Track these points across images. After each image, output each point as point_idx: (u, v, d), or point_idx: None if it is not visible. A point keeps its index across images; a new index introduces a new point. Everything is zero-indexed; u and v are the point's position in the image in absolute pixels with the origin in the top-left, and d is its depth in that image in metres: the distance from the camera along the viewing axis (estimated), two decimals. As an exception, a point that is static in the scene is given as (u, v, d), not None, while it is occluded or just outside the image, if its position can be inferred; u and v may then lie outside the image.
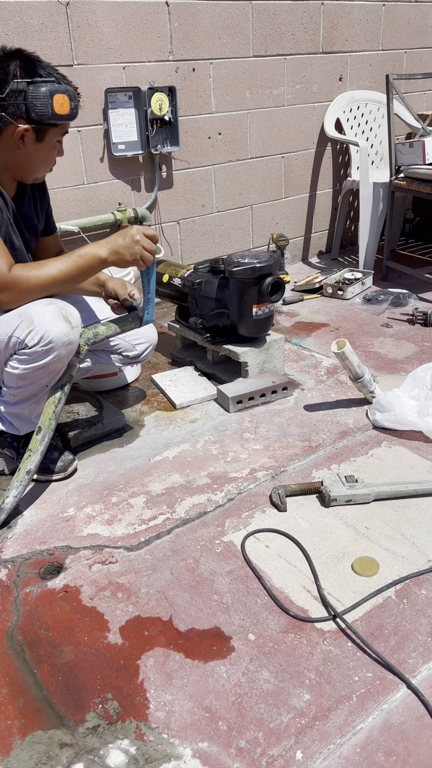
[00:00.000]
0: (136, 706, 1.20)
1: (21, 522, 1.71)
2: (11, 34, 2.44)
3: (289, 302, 3.17)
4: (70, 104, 1.55)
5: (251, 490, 1.79)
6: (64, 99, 1.54)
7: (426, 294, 3.18)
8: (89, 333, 1.73)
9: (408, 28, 3.73)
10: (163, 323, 2.89)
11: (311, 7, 3.26)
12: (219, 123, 3.16)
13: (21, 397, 1.74)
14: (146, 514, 1.72)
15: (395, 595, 1.42)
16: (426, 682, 1.22)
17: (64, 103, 1.53)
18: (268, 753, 1.11)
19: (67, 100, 1.54)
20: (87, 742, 1.14)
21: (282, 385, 2.27)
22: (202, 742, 1.13)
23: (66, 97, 1.54)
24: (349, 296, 3.19)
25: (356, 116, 3.65)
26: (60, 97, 1.54)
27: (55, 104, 1.53)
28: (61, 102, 1.53)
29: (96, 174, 2.84)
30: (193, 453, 1.98)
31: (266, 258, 2.23)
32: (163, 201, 3.10)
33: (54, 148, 1.66)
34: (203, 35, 2.94)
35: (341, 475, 1.75)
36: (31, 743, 1.14)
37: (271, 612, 1.39)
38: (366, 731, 1.13)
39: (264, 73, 3.23)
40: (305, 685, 1.22)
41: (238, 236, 3.47)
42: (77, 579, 1.51)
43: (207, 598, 1.43)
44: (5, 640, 1.35)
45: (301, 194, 3.67)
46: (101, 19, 2.63)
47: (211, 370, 2.45)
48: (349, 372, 2.08)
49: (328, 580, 1.46)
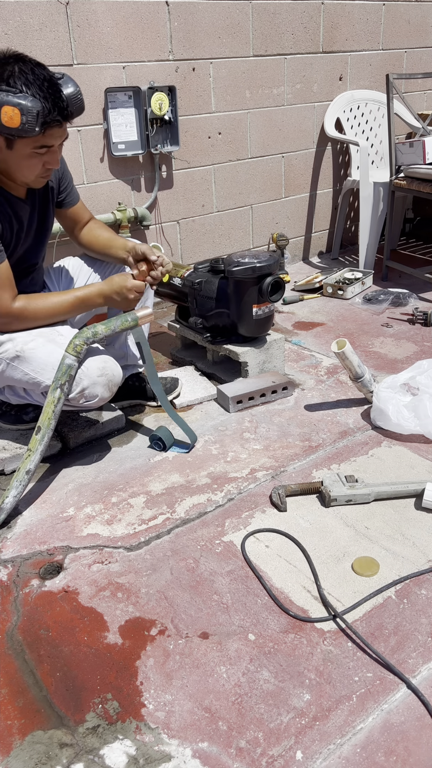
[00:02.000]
0: (136, 706, 1.20)
1: (21, 522, 1.71)
2: (11, 34, 2.44)
3: (289, 302, 3.17)
4: (22, 118, 1.50)
5: (251, 490, 1.79)
6: (13, 112, 1.50)
7: (426, 294, 3.18)
8: (88, 332, 1.73)
9: (408, 27, 3.73)
10: (163, 323, 2.89)
11: (311, 7, 3.26)
12: (219, 123, 3.15)
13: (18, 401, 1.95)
14: (146, 514, 1.71)
15: (395, 595, 1.41)
16: (426, 682, 1.22)
17: (13, 116, 1.50)
18: (268, 753, 1.11)
19: (17, 114, 1.50)
20: (87, 742, 1.14)
21: (282, 385, 2.27)
22: (202, 742, 1.13)
23: (16, 110, 1.50)
24: (350, 296, 3.19)
25: (356, 116, 3.65)
26: (8, 110, 1.50)
27: (2, 116, 1.50)
28: (10, 114, 1.50)
29: (96, 174, 2.84)
30: (193, 453, 1.98)
31: (266, 258, 2.23)
32: (163, 201, 3.10)
33: (31, 158, 1.63)
34: (203, 35, 2.94)
35: (341, 475, 1.75)
36: (31, 743, 1.14)
37: (271, 612, 1.39)
38: (366, 731, 1.13)
39: (264, 72, 3.23)
40: (305, 685, 1.22)
41: (238, 236, 3.47)
42: (77, 579, 1.51)
43: (207, 598, 1.43)
44: (5, 640, 1.35)
45: (302, 194, 3.67)
46: (101, 19, 2.63)
47: (211, 370, 2.45)
48: (349, 372, 2.08)
49: (328, 580, 1.46)
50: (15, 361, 1.78)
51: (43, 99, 1.53)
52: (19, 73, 1.52)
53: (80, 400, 1.79)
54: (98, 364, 1.78)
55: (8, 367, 1.80)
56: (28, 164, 1.65)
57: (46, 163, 1.67)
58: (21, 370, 1.79)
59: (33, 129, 1.53)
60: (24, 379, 1.81)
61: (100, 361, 1.80)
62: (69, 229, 2.07)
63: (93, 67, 2.68)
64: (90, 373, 1.76)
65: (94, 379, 1.77)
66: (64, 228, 2.07)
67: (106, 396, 1.83)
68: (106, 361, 1.81)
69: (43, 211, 1.88)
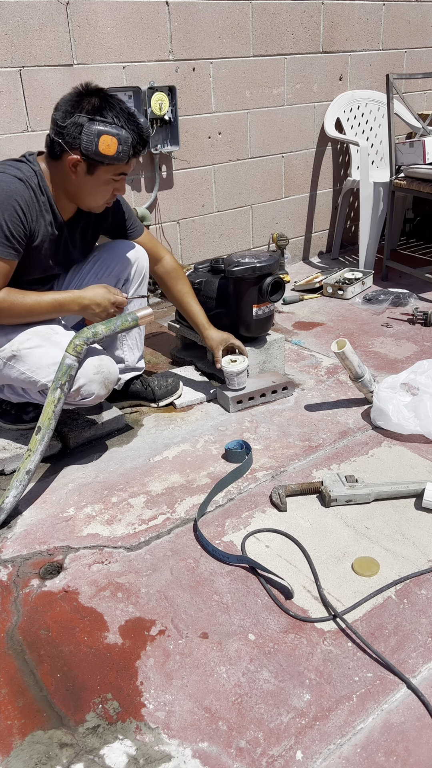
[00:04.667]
0: (136, 706, 1.20)
1: (21, 522, 1.71)
2: (11, 34, 2.44)
3: (289, 302, 3.17)
4: (118, 147, 1.65)
5: (251, 490, 1.79)
6: (111, 141, 1.64)
7: (426, 294, 3.18)
8: (88, 332, 1.73)
9: (408, 27, 3.73)
10: (163, 323, 2.89)
11: (311, 7, 3.26)
12: (219, 123, 3.15)
13: (18, 400, 1.95)
14: (146, 514, 1.71)
15: (395, 595, 1.41)
16: (426, 682, 1.22)
17: (111, 144, 1.64)
18: (268, 753, 1.11)
19: (115, 143, 1.64)
20: (87, 742, 1.14)
21: (282, 385, 2.27)
22: (202, 742, 1.13)
23: (114, 139, 1.64)
24: (350, 296, 3.19)
25: (356, 116, 3.65)
26: (107, 138, 1.63)
27: (100, 144, 1.64)
28: (108, 143, 1.64)
29: (96, 174, 2.84)
30: (193, 453, 1.98)
31: (266, 258, 2.22)
32: (163, 201, 3.10)
33: (107, 184, 1.75)
34: (203, 35, 2.94)
35: (341, 475, 1.75)
36: (31, 743, 1.14)
37: (271, 612, 1.39)
38: (366, 731, 1.13)
39: (264, 72, 3.23)
40: (305, 685, 1.22)
41: (238, 236, 3.47)
42: (77, 579, 1.51)
43: (207, 598, 1.43)
44: (5, 640, 1.35)
45: (302, 194, 3.67)
46: (101, 19, 2.63)
47: (211, 370, 2.45)
48: (349, 372, 2.08)
49: (328, 580, 1.46)
50: (12, 360, 1.79)
51: (132, 132, 1.68)
52: (109, 107, 1.66)
53: (76, 398, 1.80)
54: (94, 362, 1.79)
55: (5, 366, 1.81)
56: (103, 190, 1.77)
57: (115, 190, 1.79)
58: (17, 369, 1.80)
59: (126, 157, 1.69)
60: (21, 378, 1.81)
61: (96, 359, 1.81)
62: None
63: (93, 67, 2.68)
64: (86, 371, 1.77)
65: (90, 377, 1.78)
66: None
67: (102, 393, 1.84)
68: (102, 359, 1.82)
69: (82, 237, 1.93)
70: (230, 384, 2.19)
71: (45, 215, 1.76)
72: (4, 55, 2.46)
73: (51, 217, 1.78)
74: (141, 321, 1.81)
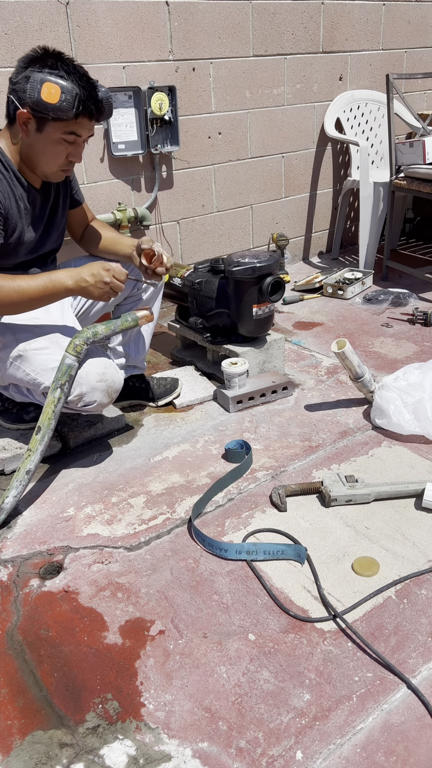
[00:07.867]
0: (135, 706, 1.20)
1: (21, 522, 1.71)
2: (11, 34, 2.44)
3: (289, 302, 3.17)
4: (61, 96, 1.56)
5: (251, 490, 1.79)
6: (54, 88, 1.56)
7: (426, 294, 3.18)
8: (88, 332, 1.73)
9: (408, 27, 3.73)
10: (163, 323, 2.89)
11: (311, 7, 3.26)
12: (219, 123, 3.15)
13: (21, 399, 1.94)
14: (146, 514, 1.71)
15: (395, 595, 1.41)
16: (426, 682, 1.22)
17: (54, 92, 1.56)
18: (268, 753, 1.10)
19: (58, 90, 1.56)
20: (87, 742, 1.14)
21: (282, 384, 2.27)
22: (202, 742, 1.13)
23: (57, 87, 1.56)
24: (350, 296, 3.19)
25: (356, 116, 3.65)
26: (50, 85, 1.56)
27: (42, 90, 1.56)
28: (50, 90, 1.56)
29: (96, 174, 2.84)
30: (193, 453, 1.98)
31: (266, 258, 2.22)
32: (163, 201, 3.10)
33: (58, 144, 1.67)
34: (203, 35, 2.94)
35: (341, 475, 1.75)
36: (31, 743, 1.14)
37: (271, 612, 1.39)
38: (366, 731, 1.13)
39: (264, 72, 3.22)
40: (305, 685, 1.22)
41: (238, 236, 3.47)
42: (77, 579, 1.51)
43: (207, 598, 1.43)
44: (5, 640, 1.35)
45: (302, 194, 3.67)
46: (101, 19, 2.63)
47: (211, 370, 2.45)
48: (349, 372, 2.08)
49: (328, 580, 1.46)
50: (18, 360, 1.79)
51: (81, 87, 1.60)
52: (62, 63, 1.60)
53: (78, 404, 1.78)
54: (98, 370, 1.77)
55: (11, 366, 1.80)
56: (54, 151, 1.69)
57: (69, 155, 1.71)
58: (23, 369, 1.79)
59: (69, 109, 1.59)
60: (25, 378, 1.81)
61: (101, 366, 1.78)
62: (74, 227, 2.07)
63: (93, 67, 2.68)
64: (89, 378, 1.75)
65: (93, 385, 1.76)
66: (67, 228, 2.07)
67: (105, 402, 1.81)
68: (107, 367, 1.80)
69: (55, 204, 1.88)
70: (230, 385, 2.19)
71: (15, 189, 1.72)
72: (4, 55, 2.46)
73: (22, 190, 1.74)
74: (141, 321, 1.81)
